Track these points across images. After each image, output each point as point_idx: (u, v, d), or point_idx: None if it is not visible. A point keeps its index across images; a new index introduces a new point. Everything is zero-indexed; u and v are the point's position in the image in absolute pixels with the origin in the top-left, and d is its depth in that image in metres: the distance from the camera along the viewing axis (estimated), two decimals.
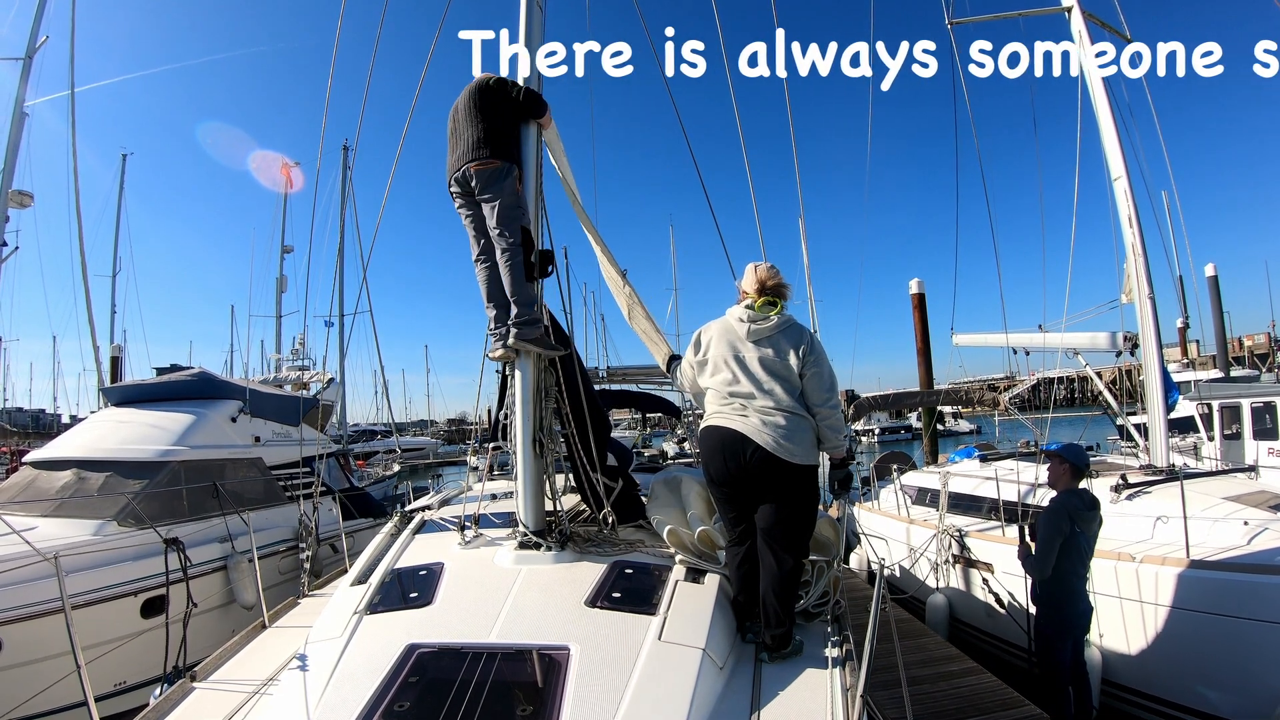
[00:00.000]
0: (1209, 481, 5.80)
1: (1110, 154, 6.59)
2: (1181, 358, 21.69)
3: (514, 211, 3.21)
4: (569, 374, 3.40)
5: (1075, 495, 4.17)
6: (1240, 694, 4.14)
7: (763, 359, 2.80)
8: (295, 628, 3.19)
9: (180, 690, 2.62)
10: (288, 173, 20.14)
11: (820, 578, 3.07)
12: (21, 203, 10.46)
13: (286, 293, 19.35)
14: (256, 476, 7.96)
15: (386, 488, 17.53)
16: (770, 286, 2.95)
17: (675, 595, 2.68)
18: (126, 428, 7.52)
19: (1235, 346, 35.06)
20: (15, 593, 4.87)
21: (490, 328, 3.36)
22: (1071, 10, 6.80)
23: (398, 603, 2.72)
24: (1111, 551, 4.76)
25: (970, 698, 4.73)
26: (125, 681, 5.57)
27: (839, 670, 2.42)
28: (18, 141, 10.22)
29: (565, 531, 3.20)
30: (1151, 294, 6.32)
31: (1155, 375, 6.23)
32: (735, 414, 2.77)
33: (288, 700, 2.22)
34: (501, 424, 3.72)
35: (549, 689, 2.07)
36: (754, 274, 2.99)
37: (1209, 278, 18.97)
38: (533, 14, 3.60)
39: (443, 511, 4.19)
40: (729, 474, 2.77)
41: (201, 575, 6.27)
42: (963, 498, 7.00)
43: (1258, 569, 4.11)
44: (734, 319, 2.92)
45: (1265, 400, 9.68)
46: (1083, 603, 4.16)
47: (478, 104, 3.29)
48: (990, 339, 9.83)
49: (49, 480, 6.78)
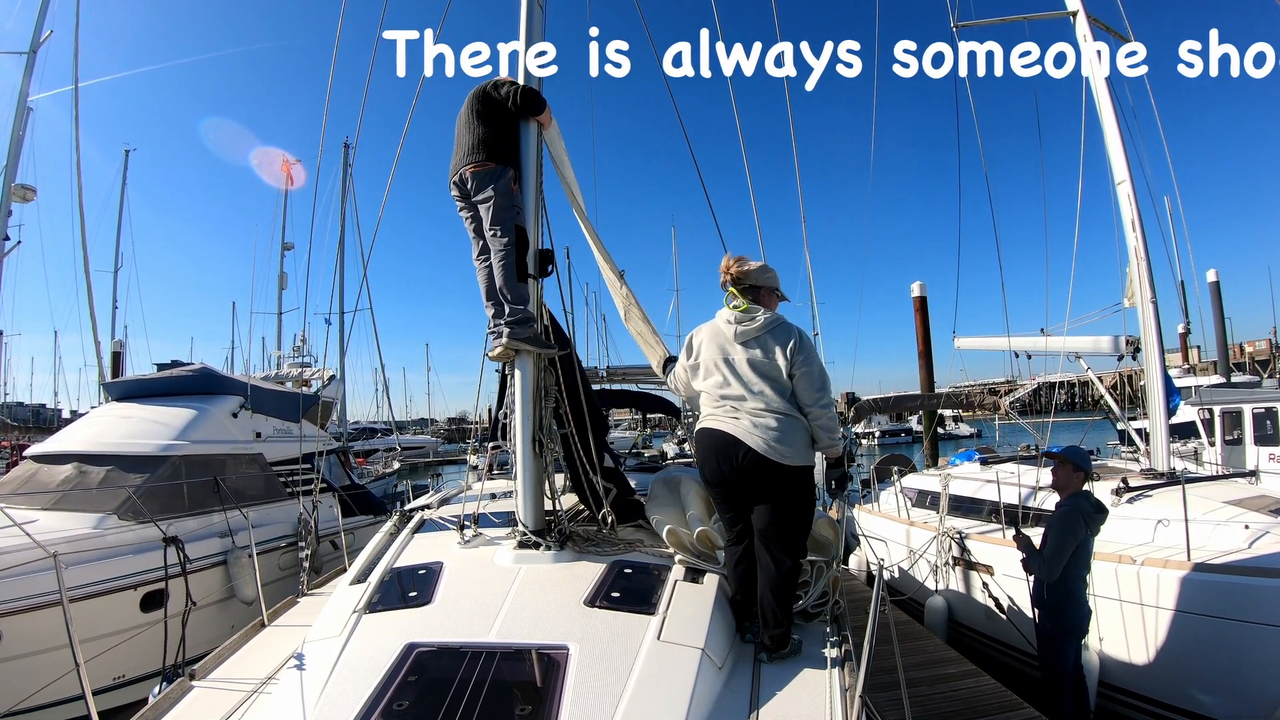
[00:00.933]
0: (1210, 485, 5.79)
1: (1114, 158, 6.58)
2: (1183, 363, 21.65)
3: (507, 212, 3.24)
4: (568, 374, 3.40)
5: (1083, 498, 4.17)
6: (1239, 698, 4.13)
7: (751, 360, 2.78)
8: (294, 626, 3.19)
9: (179, 689, 2.61)
10: (289, 170, 20.19)
11: (819, 578, 3.07)
12: (24, 197, 10.47)
13: (287, 290, 19.39)
14: (257, 472, 7.97)
15: (386, 485, 17.54)
16: (733, 274, 2.91)
17: (674, 595, 2.67)
18: (127, 422, 7.54)
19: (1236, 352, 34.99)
20: (15, 585, 4.88)
21: (490, 327, 3.37)
22: (1077, 15, 6.80)
23: (397, 602, 2.72)
24: (1112, 554, 4.76)
25: (969, 700, 4.73)
26: (124, 675, 5.58)
27: (838, 671, 2.42)
28: (21, 136, 10.25)
29: (565, 531, 3.20)
30: (1154, 298, 6.31)
31: (1157, 379, 6.22)
32: (727, 416, 2.77)
33: (286, 699, 2.22)
34: (501, 423, 3.73)
35: (548, 688, 2.07)
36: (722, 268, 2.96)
37: (1211, 283, 18.97)
38: (533, 13, 3.60)
39: (442, 511, 4.19)
40: (723, 476, 2.78)
41: (201, 570, 6.28)
42: (963, 500, 7.00)
43: (1259, 572, 4.11)
44: (722, 321, 2.90)
45: (1266, 406, 9.68)
46: (1085, 606, 4.15)
47: (475, 108, 3.34)
48: (992, 343, 9.82)
49: (50, 474, 6.79)
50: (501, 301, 3.25)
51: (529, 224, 3.37)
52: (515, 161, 3.35)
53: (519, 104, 3.33)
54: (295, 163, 20.29)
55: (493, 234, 3.23)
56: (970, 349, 10.31)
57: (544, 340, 3.28)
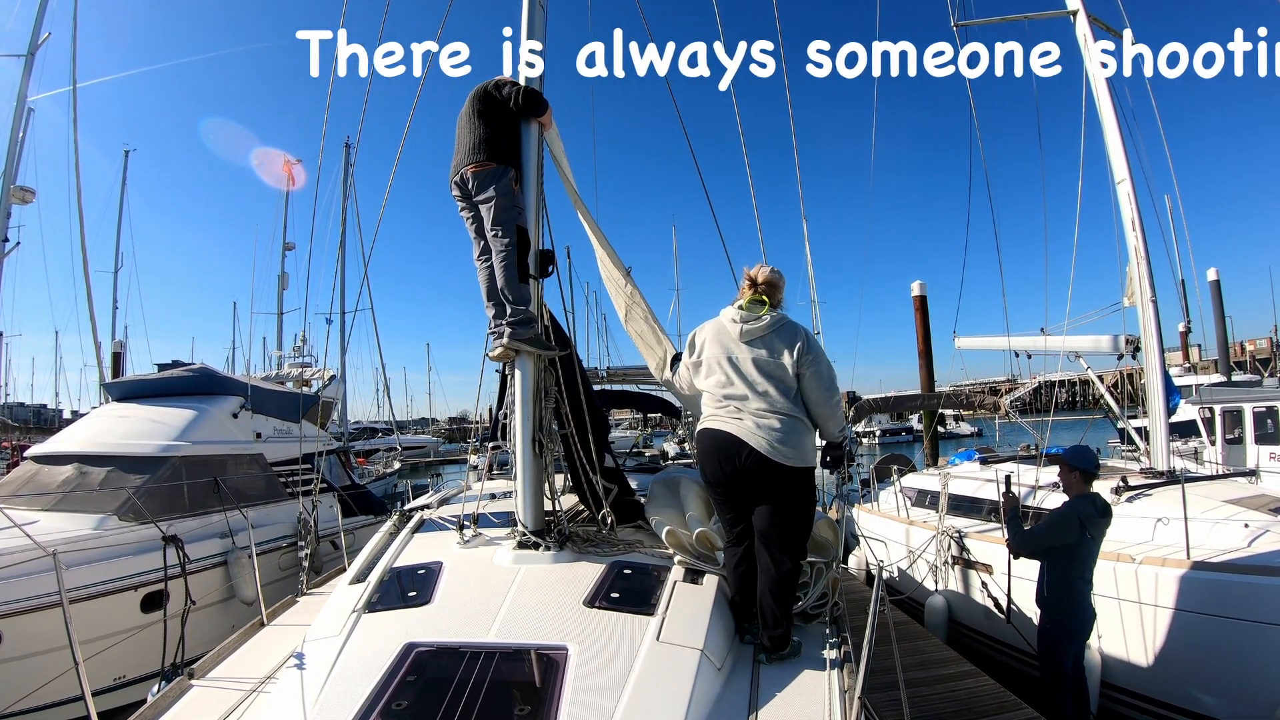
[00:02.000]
0: (1210, 484, 5.80)
1: (1114, 157, 6.58)
2: (1183, 362, 21.62)
3: (508, 212, 3.24)
4: (569, 374, 3.40)
5: (1088, 501, 4.16)
6: (1240, 697, 4.13)
7: (756, 360, 2.78)
8: (293, 626, 3.20)
9: (178, 688, 2.61)
10: (289, 170, 20.16)
11: (819, 579, 3.07)
12: (23, 198, 10.48)
13: (288, 290, 19.38)
14: (257, 472, 7.97)
15: (387, 485, 17.54)
16: (762, 283, 2.93)
17: (674, 596, 2.67)
18: (128, 423, 7.54)
19: (1237, 351, 35.00)
20: (15, 586, 4.88)
21: (490, 327, 3.37)
22: (1077, 14, 6.80)
23: (396, 601, 2.72)
24: (1111, 553, 4.75)
25: (968, 701, 4.73)
26: (124, 676, 5.59)
27: (837, 672, 2.42)
28: (21, 137, 10.25)
29: (564, 531, 3.20)
30: (1154, 297, 6.31)
31: (1156, 378, 6.22)
32: (730, 417, 2.77)
33: (285, 698, 2.22)
34: (501, 423, 3.73)
35: (547, 689, 2.07)
36: (748, 272, 2.98)
37: (1211, 282, 18.93)
38: (534, 13, 3.60)
39: (442, 511, 4.19)
40: (724, 477, 2.78)
41: (201, 571, 6.28)
42: (962, 499, 7.00)
43: (1259, 570, 4.11)
44: (726, 320, 2.91)
45: (1267, 405, 9.67)
46: (1088, 609, 4.15)
47: (477, 108, 3.34)
48: (992, 342, 9.83)
49: (50, 475, 6.79)
50: (502, 302, 3.25)
51: (530, 224, 3.37)
52: (516, 161, 3.35)
53: (520, 104, 3.33)
54: (296, 163, 20.29)
55: (494, 234, 3.24)
56: (970, 348, 10.31)
57: (544, 341, 3.28)
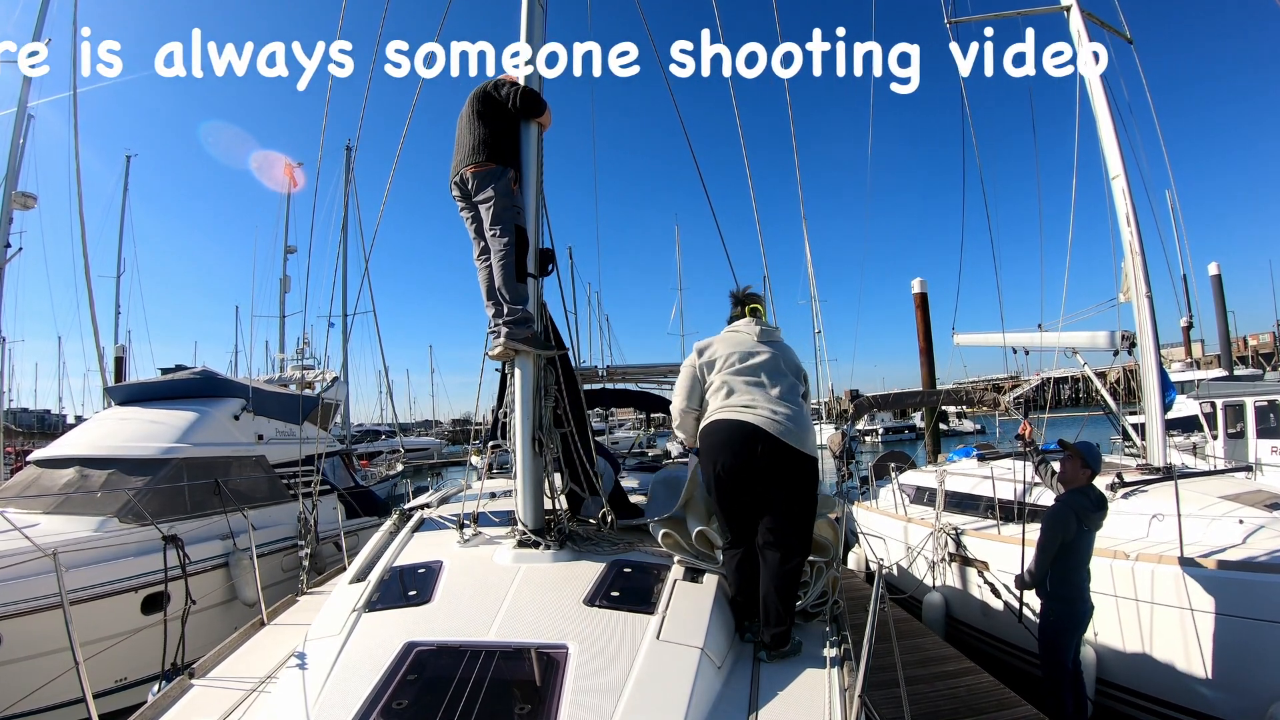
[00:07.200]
0: (1206, 480, 5.79)
1: (1108, 153, 6.57)
2: (1185, 357, 21.62)
3: (508, 212, 3.26)
4: (568, 374, 3.42)
5: (1082, 494, 4.16)
6: (1235, 693, 4.14)
7: (774, 356, 3.02)
8: (294, 625, 3.21)
9: (178, 687, 2.62)
10: (290, 173, 20.19)
11: (819, 578, 3.08)
12: (25, 204, 10.47)
13: (290, 293, 19.42)
14: (259, 474, 7.99)
15: (389, 488, 17.54)
16: (745, 294, 3.33)
17: (674, 594, 2.68)
18: (129, 425, 7.56)
19: (1239, 346, 34.98)
20: (16, 588, 4.90)
21: (490, 327, 3.39)
22: (1070, 10, 6.79)
23: (396, 600, 2.72)
24: (1107, 550, 4.75)
25: (967, 698, 4.74)
26: (126, 678, 5.60)
27: (837, 670, 2.43)
28: (22, 144, 10.26)
29: (564, 530, 3.22)
30: (1149, 293, 6.31)
31: (1152, 374, 6.22)
32: (743, 408, 2.83)
33: (286, 698, 2.22)
34: (501, 422, 3.74)
35: (547, 687, 2.08)
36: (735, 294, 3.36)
37: (1212, 276, 18.92)
38: (534, 13, 3.61)
39: (442, 510, 4.21)
40: (736, 468, 2.78)
41: (202, 572, 6.30)
42: (960, 496, 7.01)
43: (1253, 567, 4.12)
44: (739, 326, 3.16)
45: (1269, 399, 9.65)
46: (1087, 601, 4.16)
47: (476, 109, 3.37)
48: (989, 339, 9.82)
49: (52, 478, 6.81)
50: (501, 301, 3.27)
51: (529, 224, 3.39)
52: (516, 162, 3.37)
53: (519, 105, 3.35)
54: (297, 166, 20.32)
55: (493, 234, 3.26)
56: (969, 345, 10.32)
57: (542, 340, 3.30)
